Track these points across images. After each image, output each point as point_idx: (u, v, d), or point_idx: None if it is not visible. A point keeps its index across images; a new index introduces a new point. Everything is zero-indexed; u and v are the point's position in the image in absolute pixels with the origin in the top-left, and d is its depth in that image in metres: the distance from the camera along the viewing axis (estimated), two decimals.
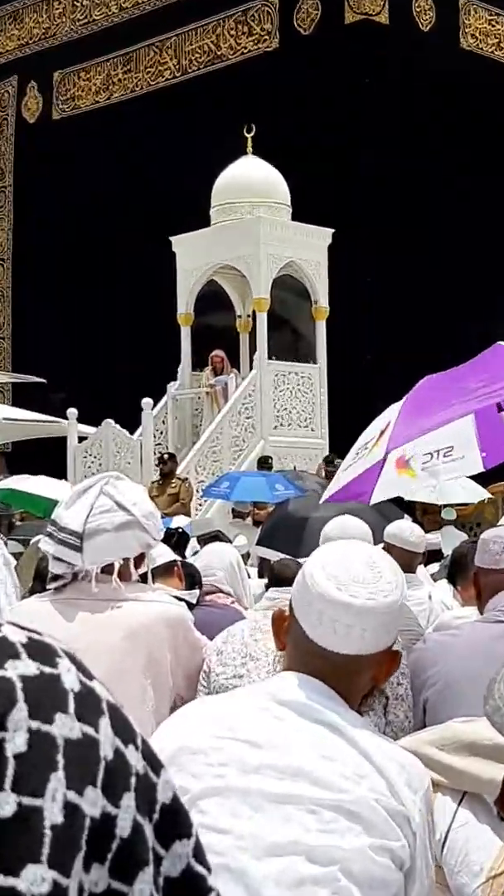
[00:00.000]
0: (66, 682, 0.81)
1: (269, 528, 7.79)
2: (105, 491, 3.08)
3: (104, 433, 15.76)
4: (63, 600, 3.09)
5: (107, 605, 3.05)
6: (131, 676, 3.03)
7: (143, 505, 3.09)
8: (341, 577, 1.78)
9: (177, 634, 3.13)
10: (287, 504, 7.93)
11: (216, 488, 12.89)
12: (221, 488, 12.67)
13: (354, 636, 1.76)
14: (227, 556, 5.13)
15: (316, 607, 1.77)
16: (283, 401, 16.14)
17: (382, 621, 1.77)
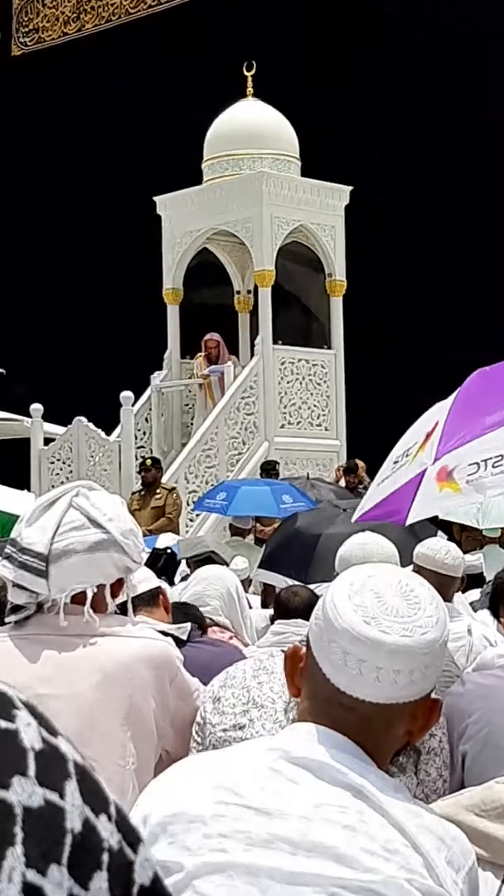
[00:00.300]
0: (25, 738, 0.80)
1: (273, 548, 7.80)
2: (75, 504, 3.08)
3: (75, 434, 15.78)
4: (24, 636, 3.08)
5: (78, 642, 3.05)
6: (107, 729, 3.03)
7: (121, 520, 3.09)
8: (371, 607, 1.77)
9: (162, 677, 3.13)
10: (295, 519, 7.94)
11: (211, 500, 12.89)
12: (217, 500, 12.66)
13: (385, 681, 1.75)
14: (223, 583, 5.13)
15: (339, 645, 1.76)
16: (291, 394, 16.15)
17: (420, 663, 1.76)
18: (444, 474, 3.75)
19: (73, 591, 3.04)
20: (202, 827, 1.71)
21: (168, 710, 3.17)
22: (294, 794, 1.72)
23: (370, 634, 1.75)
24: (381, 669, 1.75)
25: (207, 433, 15.57)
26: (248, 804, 1.71)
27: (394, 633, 1.75)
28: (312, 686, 1.82)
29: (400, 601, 1.78)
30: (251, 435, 15.81)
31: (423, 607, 1.79)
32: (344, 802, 1.71)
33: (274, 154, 16.45)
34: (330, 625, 1.78)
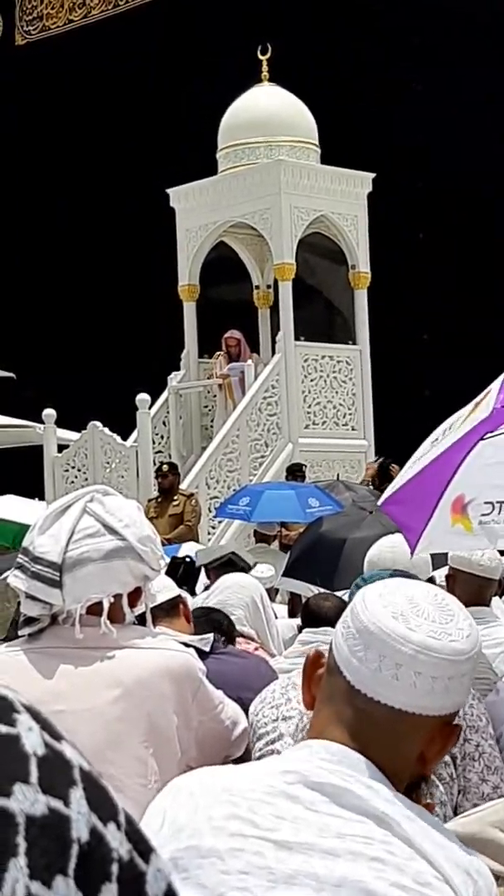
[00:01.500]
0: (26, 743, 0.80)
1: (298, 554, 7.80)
2: (89, 510, 3.07)
3: (90, 439, 15.80)
4: (39, 650, 3.08)
5: (95, 656, 3.04)
6: (128, 746, 3.02)
7: (138, 526, 3.08)
8: (401, 606, 1.79)
9: (184, 691, 3.12)
10: (319, 524, 7.94)
11: (233, 506, 12.88)
12: (240, 506, 12.65)
13: (404, 682, 1.75)
14: (247, 591, 5.12)
15: (361, 639, 1.77)
16: (315, 393, 16.14)
17: (444, 672, 1.76)
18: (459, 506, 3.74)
19: (88, 601, 3.03)
20: (218, 863, 1.69)
21: (191, 726, 3.16)
22: (314, 824, 1.70)
23: (395, 628, 1.76)
24: (401, 668, 1.75)
25: (228, 436, 15.56)
26: (267, 837, 1.69)
27: (421, 632, 1.76)
28: (329, 689, 1.82)
29: (432, 608, 1.79)
30: (274, 436, 15.79)
31: (456, 618, 1.80)
32: (368, 832, 1.69)
33: (292, 141, 16.43)
34: (356, 618, 1.79)
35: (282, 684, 3.54)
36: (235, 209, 16.41)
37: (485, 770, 3.31)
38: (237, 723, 3.45)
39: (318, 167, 16.46)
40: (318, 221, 16.39)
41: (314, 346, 16.28)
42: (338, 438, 16.20)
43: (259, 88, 16.80)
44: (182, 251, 16.97)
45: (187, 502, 14.09)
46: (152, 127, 20.74)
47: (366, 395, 16.46)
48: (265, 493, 12.62)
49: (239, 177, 16.37)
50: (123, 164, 20.98)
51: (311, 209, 16.25)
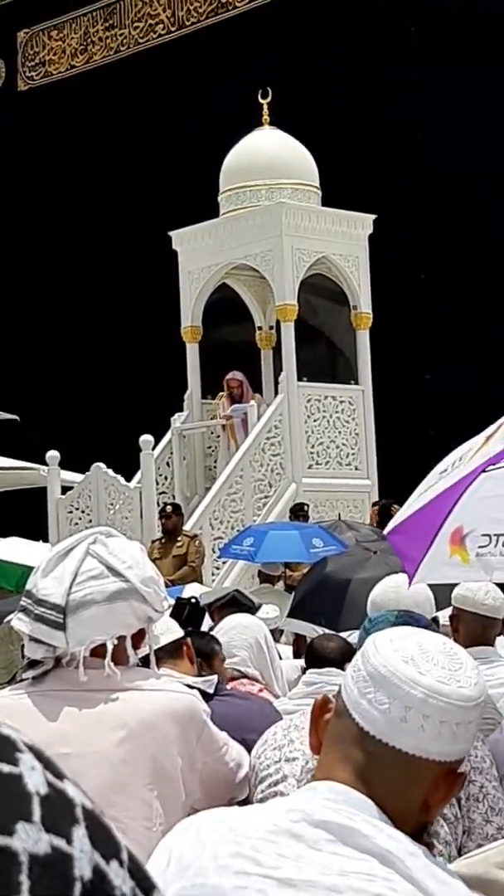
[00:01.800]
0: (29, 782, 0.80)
1: (303, 595, 7.78)
2: (92, 552, 3.07)
3: (94, 481, 15.80)
4: (43, 693, 3.07)
5: (99, 698, 3.04)
6: (133, 788, 3.02)
7: (141, 568, 3.08)
8: (411, 651, 1.83)
9: (188, 733, 3.12)
10: (324, 564, 7.93)
11: (237, 546, 12.87)
12: (244, 546, 12.64)
13: (412, 725, 1.77)
14: (250, 632, 5.11)
15: (371, 682, 1.79)
16: (318, 433, 16.15)
17: (451, 717, 1.78)
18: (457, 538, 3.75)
19: (92, 643, 3.03)
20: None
21: (195, 767, 3.16)
22: (318, 862, 1.70)
23: (406, 672, 1.79)
24: (410, 711, 1.77)
25: (232, 476, 15.56)
26: (270, 875, 1.69)
27: (430, 676, 1.79)
28: (337, 732, 1.83)
29: (442, 656, 1.83)
30: (278, 477, 15.79)
31: (464, 667, 1.83)
32: (371, 870, 1.69)
33: (293, 184, 16.51)
34: (367, 662, 1.82)
35: (283, 726, 3.53)
36: (237, 251, 16.47)
37: (489, 811, 3.31)
38: (241, 765, 3.45)
39: (319, 209, 16.54)
40: (319, 263, 16.45)
41: (317, 387, 16.31)
42: (341, 478, 16.19)
43: (260, 132, 16.89)
44: (185, 293, 17.03)
45: (191, 543, 14.08)
46: (155, 170, 20.86)
47: (369, 434, 16.47)
48: (269, 533, 12.62)
49: (241, 219, 16.45)
50: (126, 207, 21.08)
51: (313, 251, 16.31)
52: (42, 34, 24.02)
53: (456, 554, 3.79)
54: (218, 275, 16.98)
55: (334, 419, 16.31)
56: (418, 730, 1.77)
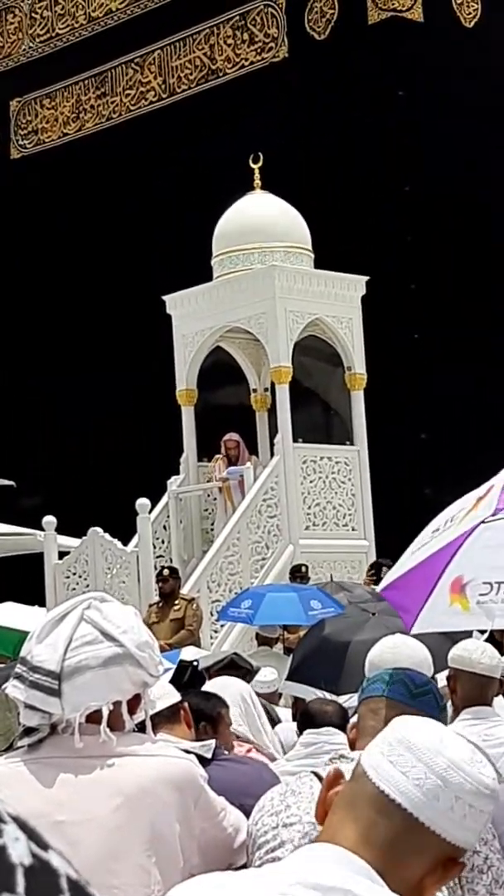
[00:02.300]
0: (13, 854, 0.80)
1: (301, 658, 7.74)
2: (87, 617, 3.06)
3: (91, 545, 15.77)
4: (39, 760, 3.05)
5: (95, 764, 3.02)
6: (130, 855, 2.99)
7: (136, 632, 3.07)
8: (440, 731, 1.90)
9: (186, 798, 3.09)
10: (322, 627, 7.90)
11: (235, 609, 12.84)
12: (242, 609, 12.62)
13: (430, 792, 1.80)
14: (235, 689, 5.11)
15: (398, 748, 1.84)
16: (314, 493, 16.15)
17: (467, 797, 1.81)
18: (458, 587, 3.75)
19: (88, 709, 3.01)
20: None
21: (193, 833, 3.13)
22: None
23: (432, 745, 1.84)
24: (430, 778, 1.81)
25: (229, 539, 15.54)
26: None
27: (455, 753, 1.85)
28: (351, 794, 1.85)
29: (467, 745, 1.91)
30: (275, 538, 15.78)
31: (486, 762, 1.89)
32: None
33: (285, 247, 16.60)
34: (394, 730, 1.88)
35: (280, 791, 3.50)
36: (231, 314, 16.54)
37: (493, 883, 3.28)
38: (240, 830, 3.42)
39: (312, 272, 16.62)
40: (313, 325, 16.52)
41: (312, 448, 16.32)
42: (338, 539, 16.17)
43: (252, 196, 17.00)
44: (179, 356, 17.08)
45: (188, 606, 14.04)
46: (148, 235, 20.98)
47: (365, 495, 16.46)
48: (267, 595, 12.59)
49: (234, 282, 16.53)
50: (119, 272, 21.18)
51: (306, 313, 16.37)
52: (34, 102, 24.23)
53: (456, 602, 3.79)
54: (212, 338, 17.04)
55: (330, 480, 16.31)
56: (433, 799, 1.79)
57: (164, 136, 21.42)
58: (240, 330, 16.84)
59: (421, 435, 18.27)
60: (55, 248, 22.42)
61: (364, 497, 16.46)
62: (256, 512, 15.77)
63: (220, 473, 16.46)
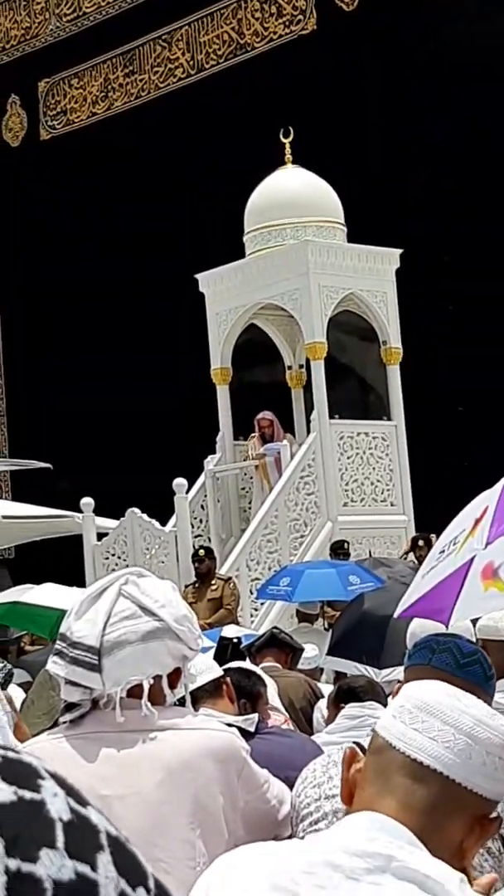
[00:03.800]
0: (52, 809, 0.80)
1: (342, 633, 7.75)
2: (125, 592, 3.08)
3: (129, 526, 15.81)
4: (81, 736, 3.07)
5: (137, 738, 3.03)
6: (174, 829, 3.01)
7: (174, 606, 3.09)
8: (453, 691, 1.94)
9: (229, 771, 3.10)
10: (361, 601, 7.90)
11: (274, 587, 12.86)
12: (281, 587, 12.63)
13: (461, 751, 1.84)
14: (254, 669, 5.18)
15: (420, 713, 1.87)
16: (352, 470, 16.12)
17: (496, 750, 1.86)
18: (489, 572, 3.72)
19: (128, 684, 3.02)
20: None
21: (237, 806, 3.14)
22: (356, 892, 1.70)
23: (454, 703, 1.89)
24: (460, 738, 1.85)
25: (267, 517, 15.54)
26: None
27: (476, 710, 1.90)
28: (376, 768, 1.87)
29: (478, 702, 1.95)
30: (313, 516, 15.77)
31: (498, 715, 1.95)
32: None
33: (318, 221, 16.53)
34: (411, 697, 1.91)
35: (322, 762, 3.51)
36: (264, 291, 16.50)
37: None
38: (284, 802, 3.43)
39: (345, 246, 16.55)
40: (347, 299, 16.46)
41: (349, 424, 16.28)
42: (377, 515, 16.15)
43: (283, 171, 16.94)
44: (213, 335, 17.06)
45: (225, 586, 14.07)
46: (179, 213, 20.96)
47: (403, 469, 16.42)
48: (305, 572, 12.60)
49: (267, 259, 16.48)
50: (151, 251, 21.18)
51: (340, 288, 16.31)
52: (62, 83, 24.23)
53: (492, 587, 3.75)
54: (246, 315, 17.01)
55: (368, 455, 16.27)
56: (466, 758, 1.83)
57: (193, 112, 21.39)
58: (273, 307, 16.80)
59: (458, 408, 18.20)
60: (86, 228, 22.44)
61: (402, 472, 16.42)
62: (294, 489, 15.76)
63: (255, 451, 16.44)
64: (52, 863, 0.77)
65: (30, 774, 0.81)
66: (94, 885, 0.79)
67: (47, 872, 0.77)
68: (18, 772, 0.80)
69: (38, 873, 0.77)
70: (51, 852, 0.78)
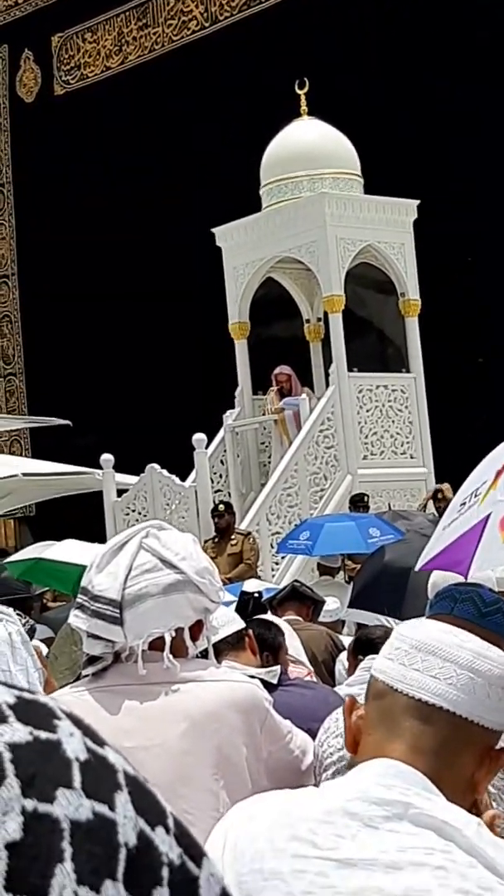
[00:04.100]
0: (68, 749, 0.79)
1: (363, 585, 7.77)
2: (145, 545, 3.08)
3: (149, 482, 15.84)
4: (104, 689, 3.08)
5: (160, 691, 3.04)
6: (199, 779, 3.02)
7: (195, 559, 3.09)
8: (447, 627, 1.94)
9: (252, 721, 3.12)
10: (382, 553, 7.91)
11: (294, 541, 12.88)
12: (301, 540, 12.65)
13: (464, 686, 1.85)
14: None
15: (419, 652, 1.87)
16: (371, 423, 16.11)
17: (498, 681, 1.87)
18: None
19: (150, 636, 3.03)
20: (281, 885, 1.70)
21: (260, 756, 3.15)
22: (375, 840, 1.71)
23: (451, 639, 1.89)
24: (462, 673, 1.85)
25: (287, 471, 15.55)
26: (328, 856, 1.70)
27: (474, 643, 1.90)
28: (379, 713, 1.88)
29: (472, 635, 1.95)
30: (333, 469, 15.77)
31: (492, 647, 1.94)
32: (429, 843, 1.71)
33: (334, 173, 16.45)
34: (406, 638, 1.91)
35: None
36: (281, 244, 16.44)
37: None
38: (307, 752, 3.44)
39: (362, 197, 16.47)
40: (364, 251, 16.40)
41: (368, 377, 16.25)
42: (397, 467, 16.15)
43: (299, 122, 16.84)
44: (230, 289, 17.02)
45: (245, 541, 14.10)
46: (194, 167, 20.88)
47: (423, 422, 16.40)
48: (325, 525, 12.61)
49: (283, 212, 16.41)
50: (167, 205, 21.11)
51: (358, 240, 16.24)
52: (76, 37, 24.10)
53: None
54: (263, 269, 16.97)
55: (387, 408, 16.26)
56: (471, 692, 1.84)
57: (207, 65, 21.26)
58: (291, 260, 16.75)
59: (478, 359, 18.16)
60: (102, 183, 22.36)
61: (421, 424, 16.40)
62: (313, 443, 15.75)
63: (273, 405, 16.43)
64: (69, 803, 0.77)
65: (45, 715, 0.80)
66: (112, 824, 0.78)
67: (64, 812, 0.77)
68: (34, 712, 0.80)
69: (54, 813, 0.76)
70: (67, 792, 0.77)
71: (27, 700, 0.81)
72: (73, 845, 0.76)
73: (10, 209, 25.09)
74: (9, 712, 0.79)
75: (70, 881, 0.75)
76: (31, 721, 0.79)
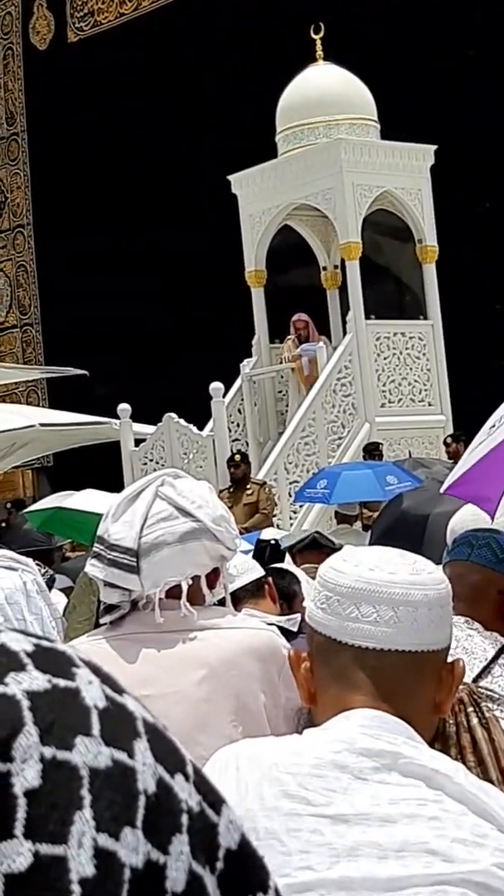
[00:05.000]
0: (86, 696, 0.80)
1: (381, 532, 7.76)
2: (161, 494, 3.08)
3: (166, 431, 15.86)
4: (121, 637, 3.09)
5: (177, 639, 3.05)
6: (217, 726, 3.03)
7: (211, 507, 3.09)
8: (373, 560, 1.85)
9: (270, 668, 3.12)
10: (399, 501, 7.90)
11: (311, 490, 12.88)
12: (318, 489, 12.65)
13: (405, 621, 1.81)
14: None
15: (352, 600, 1.82)
16: (389, 370, 16.08)
17: (435, 602, 1.82)
18: None
19: (167, 584, 3.04)
20: (277, 845, 1.70)
21: (279, 703, 3.16)
22: (367, 793, 1.71)
23: (379, 577, 1.83)
24: (399, 609, 1.81)
25: (304, 419, 15.54)
26: (322, 813, 1.70)
27: (402, 572, 1.83)
28: (328, 669, 1.85)
29: (395, 556, 1.88)
30: (350, 417, 15.76)
31: (418, 560, 1.88)
32: (421, 794, 1.71)
33: (350, 119, 16.35)
34: (333, 587, 1.85)
35: None
36: (298, 191, 16.37)
37: None
38: None
39: (379, 143, 16.37)
40: (381, 198, 16.31)
41: (385, 324, 16.21)
42: (415, 415, 16.13)
43: (314, 68, 16.73)
44: (247, 237, 16.96)
45: (261, 490, 14.12)
46: (210, 114, 20.77)
47: (440, 369, 16.37)
48: (342, 474, 12.61)
49: (299, 158, 16.33)
50: (182, 152, 21.02)
51: (374, 186, 16.16)
52: None
53: None
54: (279, 216, 16.89)
55: (405, 356, 16.22)
56: (411, 624, 1.81)
57: (221, 10, 21.09)
58: (307, 207, 16.67)
59: (496, 305, 18.08)
60: (116, 131, 22.26)
61: (439, 371, 16.37)
62: (331, 391, 15.74)
63: (290, 353, 16.41)
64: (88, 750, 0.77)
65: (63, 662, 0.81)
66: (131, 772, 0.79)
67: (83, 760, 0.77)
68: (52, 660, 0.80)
69: (73, 761, 0.76)
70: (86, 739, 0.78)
71: (45, 648, 0.81)
72: (91, 793, 0.76)
73: (25, 158, 25.01)
74: (27, 660, 0.79)
75: (89, 828, 0.75)
76: (50, 669, 0.79)
